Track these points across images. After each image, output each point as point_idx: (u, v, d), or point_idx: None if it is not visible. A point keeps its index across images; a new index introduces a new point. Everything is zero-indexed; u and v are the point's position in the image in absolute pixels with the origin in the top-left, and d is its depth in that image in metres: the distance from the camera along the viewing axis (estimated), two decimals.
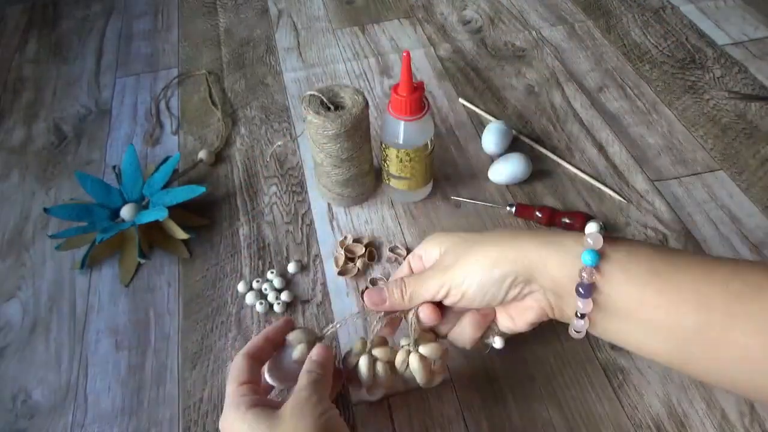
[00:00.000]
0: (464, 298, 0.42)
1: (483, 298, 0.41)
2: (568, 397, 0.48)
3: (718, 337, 0.35)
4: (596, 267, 0.38)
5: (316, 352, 0.42)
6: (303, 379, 0.40)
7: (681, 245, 0.58)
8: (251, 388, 0.40)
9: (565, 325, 0.53)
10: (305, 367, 0.41)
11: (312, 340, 0.44)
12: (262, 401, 0.39)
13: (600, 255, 0.38)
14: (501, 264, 0.40)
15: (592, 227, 0.39)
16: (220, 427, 0.40)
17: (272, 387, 0.45)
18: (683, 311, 0.36)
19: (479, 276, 0.41)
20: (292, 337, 0.44)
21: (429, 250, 0.45)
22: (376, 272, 0.58)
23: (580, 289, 0.38)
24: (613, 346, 0.51)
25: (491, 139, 0.66)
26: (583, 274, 0.38)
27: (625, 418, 0.47)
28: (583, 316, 0.40)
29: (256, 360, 0.42)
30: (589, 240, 0.38)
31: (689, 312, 0.36)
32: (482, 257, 0.41)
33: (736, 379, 0.37)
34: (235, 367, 0.41)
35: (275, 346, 0.44)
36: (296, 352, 0.43)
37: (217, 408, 0.49)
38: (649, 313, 0.37)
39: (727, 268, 0.36)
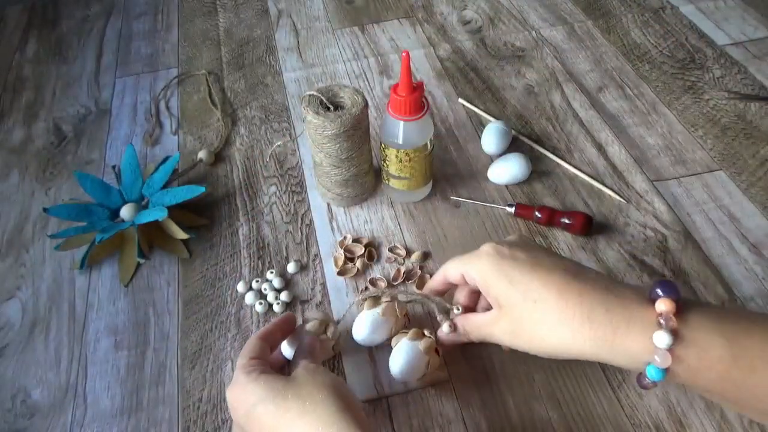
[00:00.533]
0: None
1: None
2: (567, 397, 0.48)
3: None
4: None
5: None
6: (303, 362, 0.42)
7: (680, 245, 0.58)
8: (262, 362, 0.42)
9: None
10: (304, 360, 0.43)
11: (326, 319, 0.49)
12: (273, 371, 0.41)
13: (666, 370, 0.36)
14: (561, 354, 0.39)
15: (662, 340, 0.35)
16: (228, 397, 0.41)
17: (281, 365, 0.49)
18: (761, 400, 0.36)
19: (541, 353, 0.41)
20: (309, 314, 0.49)
21: (479, 283, 0.43)
22: (376, 272, 0.58)
23: (642, 382, 0.38)
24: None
25: (491, 139, 0.66)
26: (647, 380, 0.37)
27: (624, 418, 0.47)
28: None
29: (267, 342, 0.44)
30: (657, 358, 0.36)
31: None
32: (539, 342, 0.40)
33: None
34: (248, 345, 0.43)
35: (284, 335, 0.47)
36: (309, 325, 0.48)
37: (217, 408, 0.49)
38: (723, 399, 0.38)
39: None
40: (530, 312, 0.39)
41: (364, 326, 0.49)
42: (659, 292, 0.37)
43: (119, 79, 0.84)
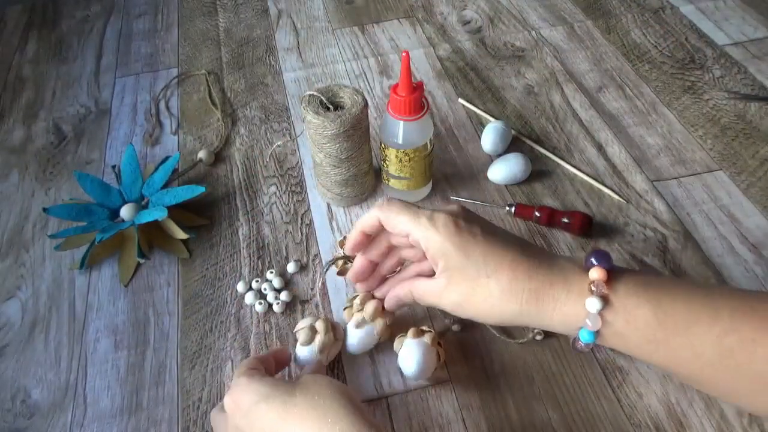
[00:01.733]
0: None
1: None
2: (567, 397, 0.48)
3: (713, 379, 0.39)
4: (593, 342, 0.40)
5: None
6: (307, 368, 0.47)
7: (680, 245, 0.58)
8: (261, 370, 0.42)
9: None
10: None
11: (314, 322, 0.49)
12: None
13: (596, 332, 0.40)
14: (506, 321, 0.43)
15: (593, 305, 0.39)
16: (226, 402, 0.40)
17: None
18: (681, 364, 0.40)
19: (486, 321, 0.44)
20: (297, 327, 0.50)
21: (430, 251, 0.43)
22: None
23: (577, 345, 0.42)
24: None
25: (491, 139, 0.66)
26: (580, 343, 0.41)
27: (624, 418, 0.47)
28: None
29: (262, 363, 0.44)
30: (588, 322, 0.39)
31: (686, 365, 0.39)
32: (487, 310, 0.42)
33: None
34: (244, 362, 0.43)
35: (278, 365, 0.47)
36: (300, 338, 0.49)
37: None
38: (648, 360, 0.42)
39: (723, 317, 0.38)
40: (483, 286, 0.41)
41: (351, 340, 0.50)
42: (593, 260, 0.40)
43: (119, 79, 0.84)
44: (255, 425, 0.38)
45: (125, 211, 0.61)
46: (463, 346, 0.52)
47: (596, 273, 0.39)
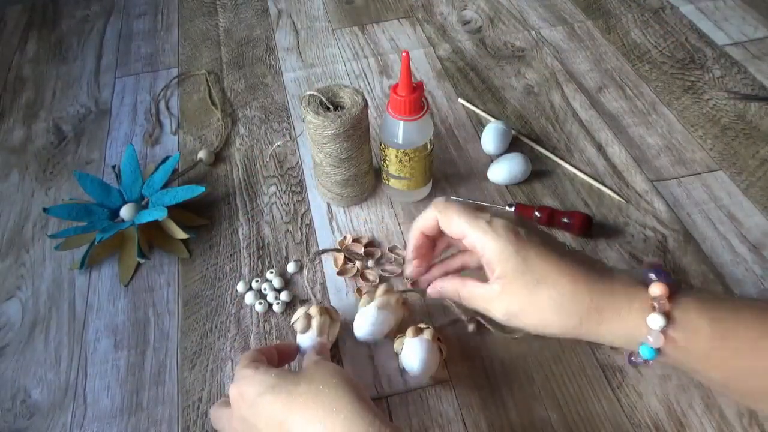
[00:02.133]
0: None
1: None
2: (567, 397, 0.48)
3: None
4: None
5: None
6: (310, 354, 0.45)
7: (680, 245, 0.58)
8: (265, 362, 0.42)
9: None
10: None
11: (308, 310, 0.50)
12: None
13: (657, 350, 0.38)
14: (562, 334, 0.41)
15: (655, 322, 0.37)
16: (231, 393, 0.40)
17: None
18: (745, 380, 0.38)
19: (541, 333, 0.42)
20: (294, 318, 0.50)
21: (487, 257, 0.41)
22: (374, 272, 0.58)
23: (633, 360, 0.41)
24: (612, 347, 0.51)
25: (491, 139, 0.66)
26: (639, 359, 0.39)
27: (623, 418, 0.47)
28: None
29: (264, 355, 0.44)
30: (650, 338, 0.38)
31: (752, 380, 0.38)
32: (543, 324, 0.41)
33: None
34: (247, 354, 0.43)
35: (282, 359, 0.47)
36: (297, 326, 0.49)
37: None
38: (708, 378, 0.40)
39: None
40: (541, 296, 0.40)
41: (366, 321, 0.49)
42: (652, 276, 0.39)
43: (119, 79, 0.84)
44: (261, 416, 0.38)
45: (125, 211, 0.61)
46: (463, 345, 0.52)
47: (658, 289, 0.38)
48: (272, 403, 0.38)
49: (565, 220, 0.59)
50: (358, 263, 0.57)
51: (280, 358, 0.46)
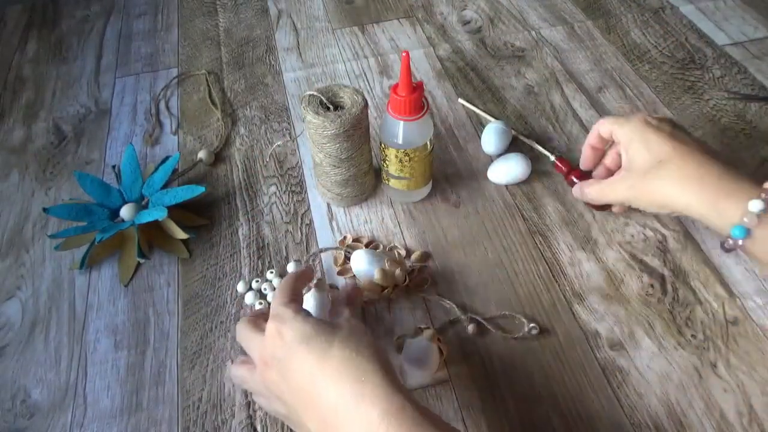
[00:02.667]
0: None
1: (645, 210, 0.54)
2: (567, 397, 0.48)
3: None
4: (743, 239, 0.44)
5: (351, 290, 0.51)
6: (347, 312, 0.46)
7: (680, 246, 0.58)
8: (301, 305, 0.44)
9: (565, 326, 0.53)
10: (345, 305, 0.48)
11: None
12: None
13: (749, 230, 0.43)
14: (665, 206, 0.50)
15: (755, 206, 0.42)
16: (268, 328, 0.41)
17: None
18: None
19: (648, 207, 0.52)
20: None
21: (622, 141, 0.53)
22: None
23: (725, 246, 0.46)
24: (612, 347, 0.51)
25: (490, 139, 0.66)
26: (730, 241, 0.44)
27: (623, 418, 0.47)
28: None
29: (301, 282, 0.46)
30: (745, 219, 0.43)
31: None
32: (652, 194, 0.50)
33: None
34: (288, 286, 0.45)
35: (309, 279, 0.49)
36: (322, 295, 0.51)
37: (217, 407, 0.49)
38: None
39: None
40: (656, 170, 0.49)
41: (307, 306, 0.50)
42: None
43: (119, 79, 0.84)
44: (293, 363, 0.39)
45: (125, 211, 0.61)
46: (463, 346, 0.52)
47: (756, 205, 0.43)
48: (306, 355, 0.39)
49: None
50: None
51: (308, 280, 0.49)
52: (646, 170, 0.50)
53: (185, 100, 0.79)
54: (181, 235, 0.59)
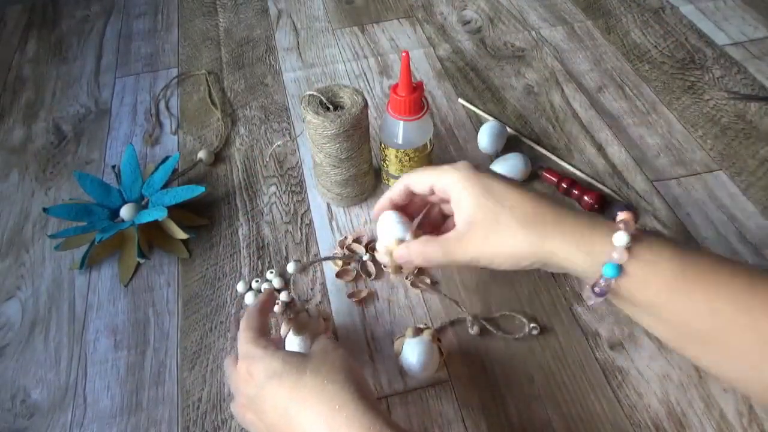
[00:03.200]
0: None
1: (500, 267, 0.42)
2: (567, 397, 0.48)
3: (723, 340, 0.37)
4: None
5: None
6: (321, 338, 0.44)
7: None
8: (269, 338, 0.43)
9: (565, 326, 0.53)
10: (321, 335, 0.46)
11: (326, 316, 0.51)
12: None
13: (621, 266, 0.37)
14: (526, 257, 0.40)
15: (621, 239, 0.37)
16: (240, 369, 0.41)
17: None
18: (694, 318, 0.37)
19: (505, 261, 0.41)
20: (312, 311, 0.50)
21: (452, 191, 0.43)
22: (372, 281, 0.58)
23: (596, 290, 0.39)
24: (612, 347, 0.51)
25: (486, 138, 0.66)
26: (602, 282, 0.38)
27: (623, 417, 0.47)
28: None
29: (264, 315, 0.45)
30: (614, 255, 0.37)
31: (700, 319, 0.37)
32: (509, 245, 0.40)
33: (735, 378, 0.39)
34: (251, 320, 0.43)
35: (270, 307, 0.47)
36: (315, 318, 0.49)
37: (216, 407, 0.49)
38: (661, 313, 0.38)
39: (743, 279, 0.37)
40: (504, 217, 0.40)
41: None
42: (617, 212, 0.39)
43: (119, 79, 0.84)
44: (266, 399, 0.39)
45: (125, 211, 0.61)
46: (463, 346, 0.52)
47: (625, 215, 0.39)
48: (278, 390, 0.38)
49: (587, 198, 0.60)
50: (355, 264, 0.57)
51: (270, 309, 0.47)
52: (492, 218, 0.41)
53: (185, 100, 0.79)
54: (181, 235, 0.59)
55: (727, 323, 0.36)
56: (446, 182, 0.43)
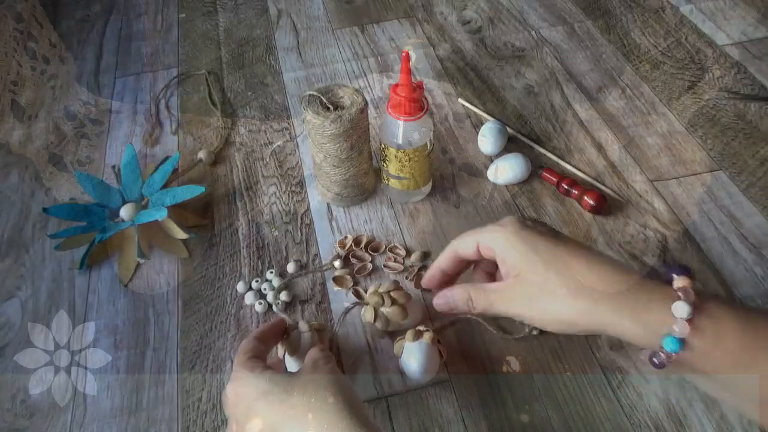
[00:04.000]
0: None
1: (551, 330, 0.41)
2: (567, 397, 0.48)
3: None
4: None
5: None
6: (313, 351, 0.43)
7: (680, 245, 0.58)
8: (261, 360, 0.42)
9: None
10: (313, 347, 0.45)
11: (319, 327, 0.49)
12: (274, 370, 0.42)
13: (683, 340, 0.35)
14: (577, 324, 0.38)
15: (681, 310, 0.35)
16: (228, 392, 0.40)
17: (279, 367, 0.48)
18: (764, 387, 0.35)
19: (556, 327, 0.39)
20: (303, 326, 0.47)
21: (497, 248, 0.41)
22: (376, 267, 0.58)
23: (655, 360, 0.37)
24: (612, 347, 0.51)
25: (486, 138, 0.66)
26: (662, 355, 0.36)
27: (623, 417, 0.47)
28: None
29: (262, 342, 0.44)
30: (675, 328, 0.35)
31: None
32: (558, 312, 0.38)
33: None
34: (245, 345, 0.43)
35: (276, 339, 0.47)
36: (307, 335, 0.47)
37: (217, 407, 0.49)
38: (726, 382, 0.37)
39: None
40: (551, 284, 0.38)
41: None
42: (674, 274, 0.37)
43: (119, 79, 0.84)
44: (255, 422, 0.38)
45: (125, 211, 0.61)
46: (463, 346, 0.52)
47: (682, 281, 0.36)
48: (266, 410, 0.38)
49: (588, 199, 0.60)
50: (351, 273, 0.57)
51: (273, 339, 0.46)
52: (540, 282, 0.39)
53: (185, 100, 0.79)
54: (181, 235, 0.59)
55: None
56: (490, 240, 0.41)
